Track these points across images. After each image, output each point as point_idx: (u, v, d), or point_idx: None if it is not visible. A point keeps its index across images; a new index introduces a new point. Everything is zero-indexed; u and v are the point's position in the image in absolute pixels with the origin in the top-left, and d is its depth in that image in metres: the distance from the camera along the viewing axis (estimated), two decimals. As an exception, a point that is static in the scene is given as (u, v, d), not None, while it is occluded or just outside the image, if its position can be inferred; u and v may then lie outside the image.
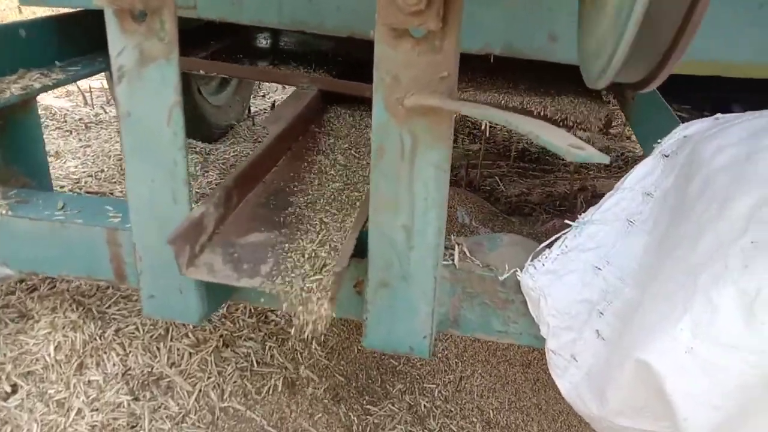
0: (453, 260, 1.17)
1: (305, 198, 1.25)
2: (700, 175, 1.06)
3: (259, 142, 2.95)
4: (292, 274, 0.99)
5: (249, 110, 3.52)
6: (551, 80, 1.75)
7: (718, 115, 1.21)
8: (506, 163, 2.96)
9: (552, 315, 1.12)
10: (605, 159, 0.69)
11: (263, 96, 4.02)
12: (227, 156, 2.65)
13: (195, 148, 2.69)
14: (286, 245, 1.08)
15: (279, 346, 1.59)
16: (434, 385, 1.67)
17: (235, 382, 1.48)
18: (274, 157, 1.36)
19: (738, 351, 0.86)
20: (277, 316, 1.65)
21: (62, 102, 3.55)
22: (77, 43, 1.81)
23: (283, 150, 1.40)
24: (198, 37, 1.95)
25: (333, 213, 1.20)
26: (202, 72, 1.75)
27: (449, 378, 1.68)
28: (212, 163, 2.53)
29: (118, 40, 1.01)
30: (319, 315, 0.97)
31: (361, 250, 1.07)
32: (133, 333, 1.51)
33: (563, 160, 2.91)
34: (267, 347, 1.57)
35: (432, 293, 1.06)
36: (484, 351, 1.72)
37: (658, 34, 0.65)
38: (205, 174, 2.40)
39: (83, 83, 3.53)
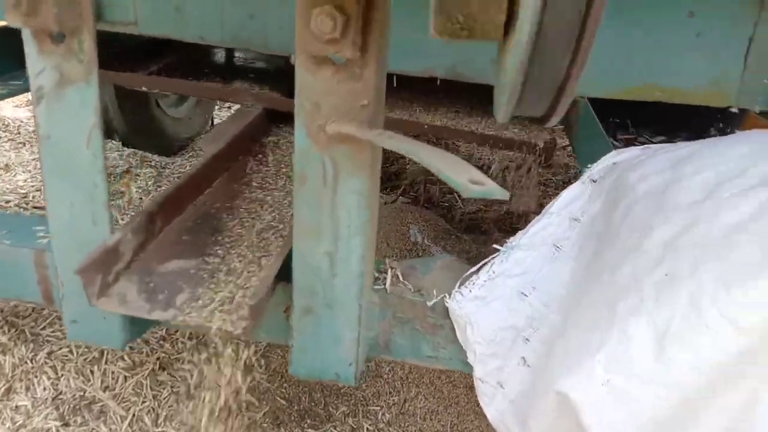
0: (385, 284, 1.17)
1: (234, 223, 1.23)
2: (624, 203, 1.07)
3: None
4: (209, 306, 0.97)
5: (212, 122, 3.49)
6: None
7: (649, 145, 1.23)
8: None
9: (478, 342, 1.11)
10: (505, 195, 0.69)
11: (229, 108, 3.99)
12: (183, 169, 2.62)
13: (150, 161, 2.66)
14: (207, 274, 1.06)
15: (219, 370, 1.56)
16: (378, 407, 1.65)
17: (170, 406, 1.45)
18: (208, 179, 1.34)
19: (650, 384, 0.86)
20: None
21: (21, 112, 3.48)
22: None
23: (220, 171, 1.38)
24: (150, 51, 1.92)
25: (262, 240, 1.18)
26: (144, 89, 1.73)
27: (393, 400, 1.67)
28: (167, 177, 2.50)
29: (36, 61, 0.99)
30: (236, 345, 0.96)
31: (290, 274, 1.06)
32: (66, 356, 1.47)
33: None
34: (206, 370, 1.54)
35: (357, 320, 1.05)
36: (429, 373, 1.71)
37: (551, 70, 0.64)
38: (158, 188, 2.36)
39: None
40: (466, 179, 0.69)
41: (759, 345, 0.78)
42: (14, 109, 3.57)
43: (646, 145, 1.21)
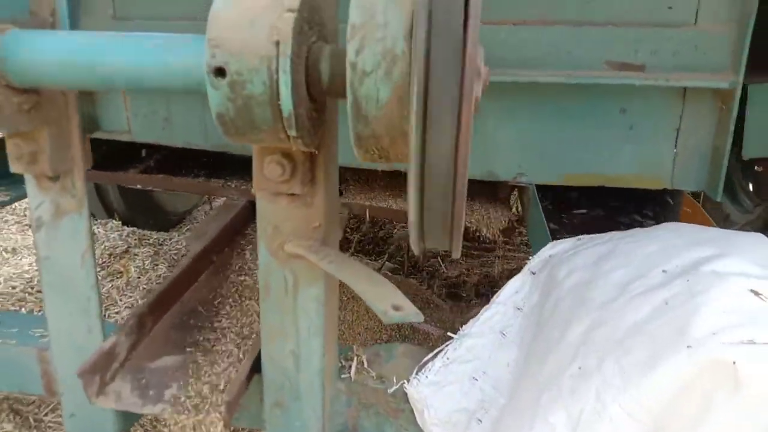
0: (350, 373, 1.30)
1: (218, 317, 1.37)
2: (552, 297, 1.20)
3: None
4: (192, 401, 1.11)
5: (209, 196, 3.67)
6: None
7: (581, 236, 1.37)
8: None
9: (434, 424, 1.23)
10: (419, 318, 0.83)
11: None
12: (179, 246, 2.77)
13: (149, 239, 2.82)
14: (192, 369, 1.20)
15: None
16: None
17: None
18: (195, 275, 1.49)
19: (569, 467, 0.98)
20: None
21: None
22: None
23: (205, 265, 1.53)
24: (138, 149, 2.11)
25: (244, 333, 1.32)
26: (138, 186, 1.91)
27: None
28: (163, 254, 2.65)
29: (36, 195, 1.15)
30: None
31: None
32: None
33: (503, 239, 3.08)
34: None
35: (321, 410, 1.18)
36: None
37: (439, 208, 0.78)
38: (155, 267, 2.51)
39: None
40: (387, 305, 0.83)
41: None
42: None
43: (578, 237, 1.35)
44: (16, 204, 3.21)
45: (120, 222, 2.93)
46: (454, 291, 2.62)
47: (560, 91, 1.55)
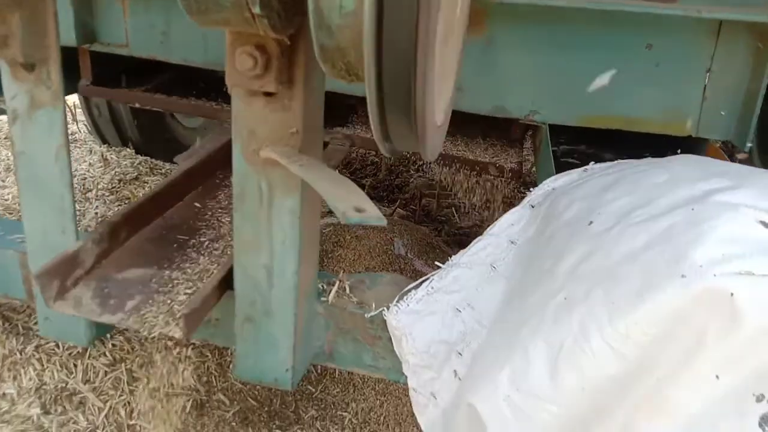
0: (328, 296, 1.24)
1: (200, 235, 1.32)
2: (550, 229, 1.12)
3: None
4: (152, 313, 1.06)
5: (227, 132, 3.62)
6: (471, 126, 1.83)
7: (588, 166, 1.27)
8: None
9: (412, 353, 1.18)
10: (382, 222, 0.76)
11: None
12: (190, 178, 2.73)
13: (161, 169, 2.80)
14: (161, 283, 1.16)
15: (194, 369, 1.66)
16: (346, 413, 1.73)
17: (145, 401, 1.56)
18: (180, 193, 1.44)
19: (543, 401, 0.91)
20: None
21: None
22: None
23: (192, 186, 1.48)
24: (148, 69, 2.05)
25: (220, 251, 1.27)
26: (137, 105, 1.85)
27: (361, 407, 1.74)
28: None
29: (11, 85, 1.10)
30: (174, 352, 1.05)
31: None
32: (53, 350, 1.59)
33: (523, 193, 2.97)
34: (181, 369, 1.64)
35: (292, 329, 1.13)
36: (396, 386, 1.77)
37: (403, 102, 0.69)
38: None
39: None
40: (348, 206, 0.76)
41: (635, 372, 0.83)
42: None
43: (585, 167, 1.26)
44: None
45: (134, 150, 2.91)
46: (464, 239, 2.54)
47: (581, 19, 1.43)
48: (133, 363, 1.62)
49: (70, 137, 3.16)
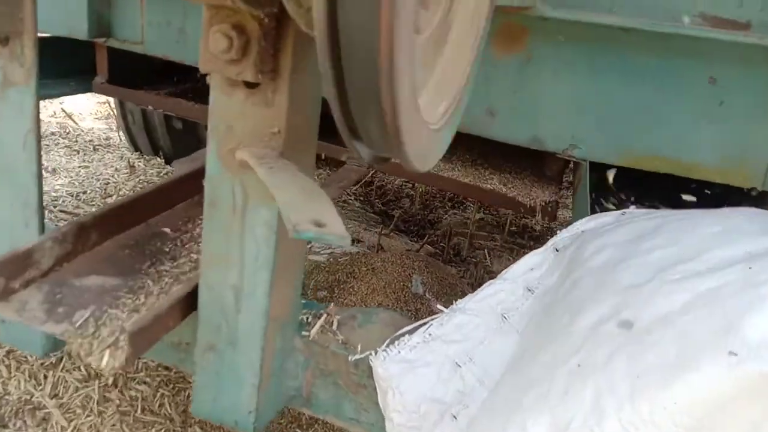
0: (310, 331, 1.08)
1: (180, 247, 1.19)
2: (573, 276, 0.93)
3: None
4: (99, 329, 0.92)
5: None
6: (503, 157, 1.66)
7: (628, 210, 1.09)
8: (500, 236, 2.83)
9: (398, 411, 0.99)
10: (344, 242, 0.60)
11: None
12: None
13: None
14: (120, 296, 1.02)
15: (173, 395, 1.51)
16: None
17: (113, 425, 1.41)
18: (170, 199, 1.31)
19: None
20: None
21: (97, 123, 3.69)
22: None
23: (187, 193, 1.35)
24: (172, 73, 1.97)
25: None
26: (150, 107, 1.77)
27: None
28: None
29: (-16, 59, 1.00)
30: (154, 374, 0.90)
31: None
32: (25, 357, 1.48)
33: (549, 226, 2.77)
34: (159, 394, 1.49)
35: (259, 364, 0.97)
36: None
37: (368, 96, 0.54)
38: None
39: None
40: (303, 218, 0.61)
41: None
42: (94, 120, 3.80)
43: (623, 211, 1.07)
44: (70, 128, 3.22)
45: (164, 160, 2.86)
46: (491, 285, 2.34)
47: (633, 43, 1.25)
48: (108, 381, 1.49)
49: (103, 143, 3.15)
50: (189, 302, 0.99)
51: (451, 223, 2.94)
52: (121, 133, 3.14)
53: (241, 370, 0.98)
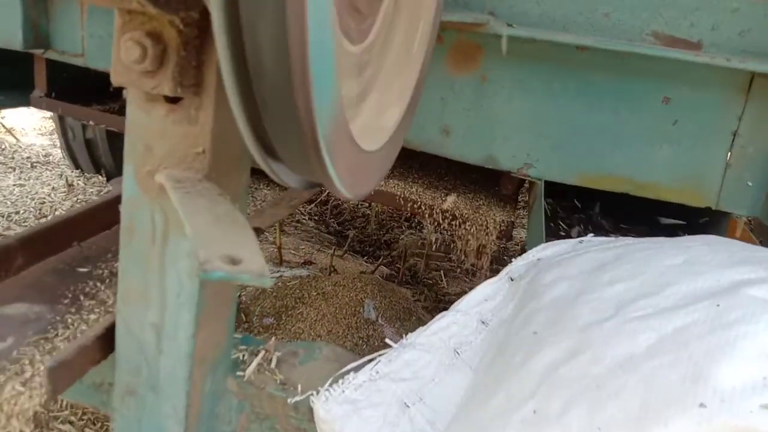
0: (245, 371, 0.98)
1: (112, 274, 1.08)
2: (528, 309, 0.87)
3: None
4: (24, 362, 0.82)
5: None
6: (460, 176, 1.60)
7: (586, 237, 1.03)
8: (457, 256, 2.77)
9: (340, 457, 0.91)
10: (263, 282, 0.52)
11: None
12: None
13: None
14: (43, 324, 0.91)
15: (99, 438, 1.38)
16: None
17: (31, 472, 1.27)
18: (106, 220, 1.20)
19: None
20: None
21: (31, 138, 3.51)
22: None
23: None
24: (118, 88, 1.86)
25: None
26: (91, 123, 1.66)
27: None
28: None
29: None
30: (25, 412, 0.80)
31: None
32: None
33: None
34: (82, 436, 1.36)
35: (184, 411, 0.87)
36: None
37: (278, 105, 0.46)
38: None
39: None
40: (215, 254, 0.52)
41: None
42: (37, 136, 3.62)
43: (581, 238, 1.01)
44: (6, 144, 3.05)
45: (105, 179, 2.71)
46: (448, 307, 2.27)
47: (588, 62, 1.21)
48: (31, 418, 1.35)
49: (41, 160, 2.99)
50: (112, 338, 0.89)
51: (407, 244, 2.87)
52: (61, 150, 2.98)
53: (163, 417, 0.88)
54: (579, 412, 0.62)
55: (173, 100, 0.76)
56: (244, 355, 1.02)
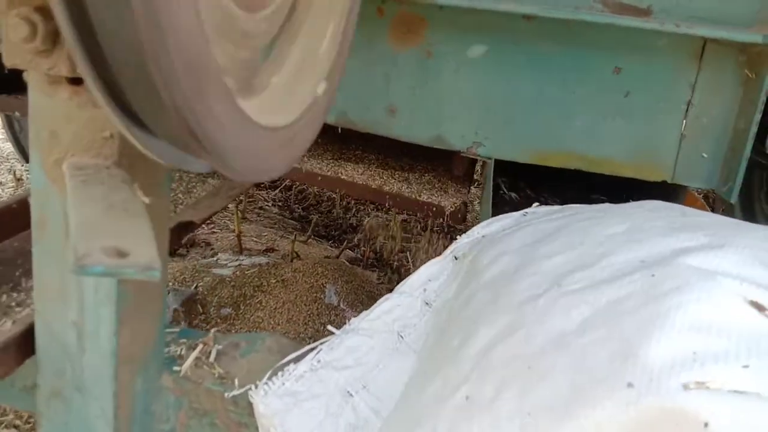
0: (182, 366, 0.94)
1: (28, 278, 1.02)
2: (469, 289, 0.83)
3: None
4: None
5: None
6: (414, 157, 1.57)
7: (530, 209, 1.00)
8: (424, 237, 2.74)
9: (282, 452, 0.87)
10: (153, 275, 0.47)
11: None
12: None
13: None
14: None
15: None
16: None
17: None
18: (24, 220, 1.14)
19: None
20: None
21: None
22: None
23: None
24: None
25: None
26: (17, 114, 1.58)
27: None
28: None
29: None
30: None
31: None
32: None
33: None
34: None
35: (112, 412, 0.82)
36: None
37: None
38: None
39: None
40: (97, 245, 0.47)
41: None
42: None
43: (525, 211, 0.98)
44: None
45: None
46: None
47: (536, 32, 1.18)
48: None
49: (-6, 154, 2.88)
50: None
51: (372, 226, 2.83)
52: (11, 144, 2.87)
53: (91, 419, 0.83)
54: (510, 396, 0.59)
55: (76, 82, 0.70)
56: (181, 350, 0.98)
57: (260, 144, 0.51)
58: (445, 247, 1.46)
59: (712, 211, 1.50)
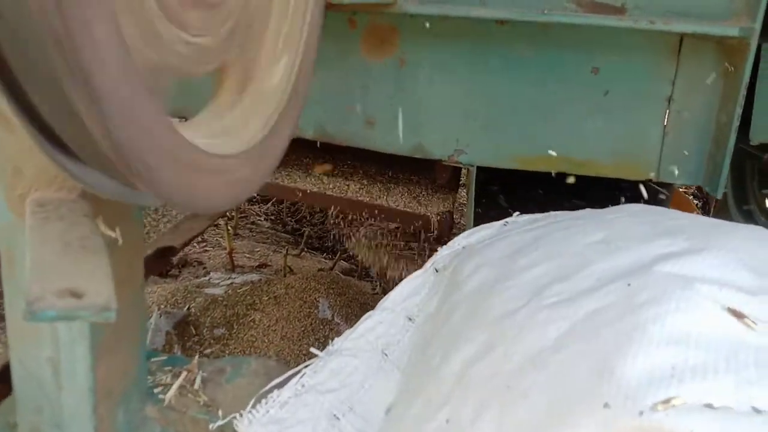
0: (166, 395, 0.92)
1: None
2: (449, 303, 0.82)
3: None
4: None
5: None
6: (397, 168, 1.55)
7: (511, 218, 0.99)
8: (417, 245, 2.72)
9: (269, 480, 0.85)
10: (108, 317, 0.46)
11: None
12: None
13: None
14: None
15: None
16: None
17: None
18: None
19: None
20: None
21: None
22: None
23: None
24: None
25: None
26: None
27: None
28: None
29: None
30: None
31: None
32: None
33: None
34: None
35: (93, 448, 0.81)
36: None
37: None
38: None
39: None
40: (51, 287, 0.46)
41: None
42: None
43: (506, 220, 0.97)
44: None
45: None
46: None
47: (510, 36, 1.16)
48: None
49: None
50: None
51: (367, 235, 2.81)
52: None
53: (72, 457, 0.81)
54: (489, 418, 0.57)
55: (36, 116, 0.69)
56: (168, 377, 0.97)
57: (205, 171, 0.50)
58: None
59: (706, 203, 1.49)
